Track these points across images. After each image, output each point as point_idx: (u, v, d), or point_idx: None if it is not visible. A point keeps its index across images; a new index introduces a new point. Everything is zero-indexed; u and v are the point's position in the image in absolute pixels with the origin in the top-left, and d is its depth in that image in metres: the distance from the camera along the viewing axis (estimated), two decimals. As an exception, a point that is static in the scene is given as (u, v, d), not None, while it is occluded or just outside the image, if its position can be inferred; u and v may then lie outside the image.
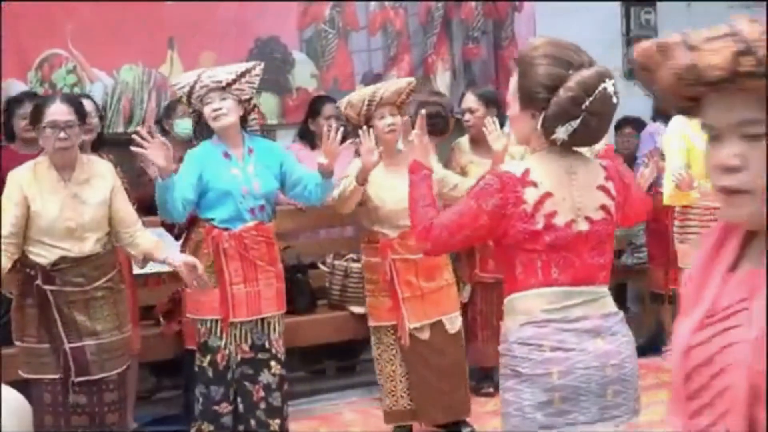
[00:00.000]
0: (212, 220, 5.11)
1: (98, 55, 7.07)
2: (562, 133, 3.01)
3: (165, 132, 6.06)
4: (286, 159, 5.28)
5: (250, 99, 5.24)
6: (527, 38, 8.58)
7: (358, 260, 6.48)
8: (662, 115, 7.18)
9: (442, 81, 8.25)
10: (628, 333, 3.16)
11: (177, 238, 5.96)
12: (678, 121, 6.38)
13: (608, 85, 3.01)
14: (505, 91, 3.26)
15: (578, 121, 2.99)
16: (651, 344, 7.24)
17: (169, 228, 5.78)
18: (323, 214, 6.20)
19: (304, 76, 7.85)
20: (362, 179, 5.32)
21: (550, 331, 3.02)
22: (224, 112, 5.02)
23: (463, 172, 6.25)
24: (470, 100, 6.40)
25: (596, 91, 2.98)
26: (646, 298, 7.71)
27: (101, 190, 4.97)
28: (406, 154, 5.34)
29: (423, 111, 3.74)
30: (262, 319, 5.15)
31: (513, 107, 3.13)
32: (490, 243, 3.23)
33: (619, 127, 8.17)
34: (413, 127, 3.49)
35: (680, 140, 6.20)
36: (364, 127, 5.29)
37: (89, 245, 4.91)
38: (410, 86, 5.62)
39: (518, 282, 3.05)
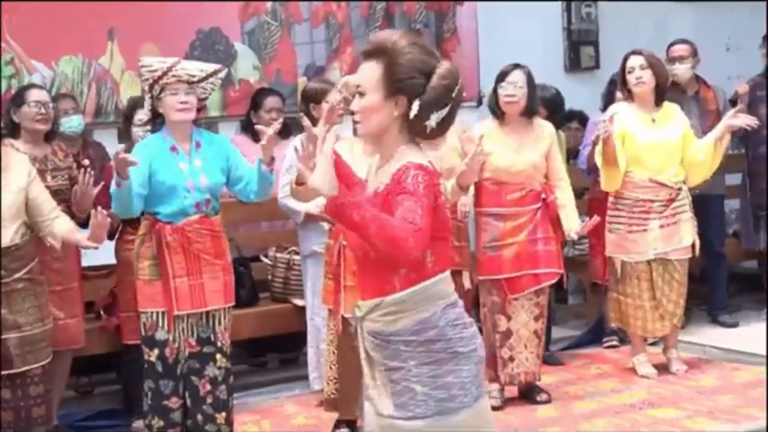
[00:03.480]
0: (157, 214, 5.08)
1: (37, 46, 6.99)
2: (433, 120, 3.05)
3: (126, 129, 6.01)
4: (233, 153, 5.27)
5: (206, 98, 5.30)
6: (470, 30, 8.62)
7: (299, 252, 6.46)
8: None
9: (384, 73, 8.25)
10: None
11: (110, 237, 5.93)
12: (617, 107, 6.44)
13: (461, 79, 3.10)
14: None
15: (446, 109, 3.05)
16: (593, 335, 7.30)
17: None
18: (265, 206, 6.17)
19: (246, 68, 7.82)
20: None
21: (461, 309, 3.13)
22: (190, 106, 5.05)
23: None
24: None
25: (459, 81, 3.06)
26: (587, 290, 7.77)
27: (17, 178, 4.92)
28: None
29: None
30: (207, 312, 5.13)
31: (373, 96, 3.06)
32: None
33: (564, 121, 8.21)
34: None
35: (617, 126, 6.26)
36: None
37: (8, 235, 4.86)
38: None
39: (428, 270, 3.05)
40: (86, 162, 6.02)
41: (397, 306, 3.05)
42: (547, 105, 6.84)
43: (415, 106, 3.02)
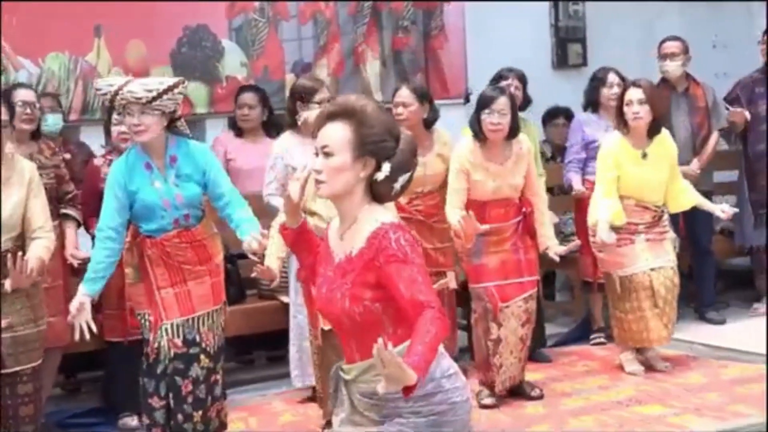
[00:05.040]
0: (139, 227, 5.06)
1: (23, 43, 6.96)
2: (399, 183, 3.06)
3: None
4: (210, 168, 5.10)
5: (175, 110, 5.01)
6: (457, 28, 8.61)
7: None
8: (592, 105, 7.22)
9: (371, 70, 8.24)
10: None
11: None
12: (612, 139, 6.40)
13: None
14: (435, 82, 3.21)
15: (409, 174, 3.08)
16: (580, 332, 7.30)
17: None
18: (251, 204, 6.14)
19: (233, 64, 7.80)
20: None
21: (449, 358, 3.12)
22: (143, 128, 4.86)
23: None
24: (404, 95, 6.28)
25: (414, 148, 3.10)
26: (575, 287, 7.77)
27: (14, 196, 4.86)
28: None
29: None
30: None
31: (341, 156, 3.02)
32: None
33: (550, 117, 8.22)
34: None
35: (611, 160, 6.26)
36: None
37: (0, 242, 4.82)
38: None
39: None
40: (68, 156, 6.02)
41: None
42: (520, 79, 6.91)
43: (386, 168, 3.03)
